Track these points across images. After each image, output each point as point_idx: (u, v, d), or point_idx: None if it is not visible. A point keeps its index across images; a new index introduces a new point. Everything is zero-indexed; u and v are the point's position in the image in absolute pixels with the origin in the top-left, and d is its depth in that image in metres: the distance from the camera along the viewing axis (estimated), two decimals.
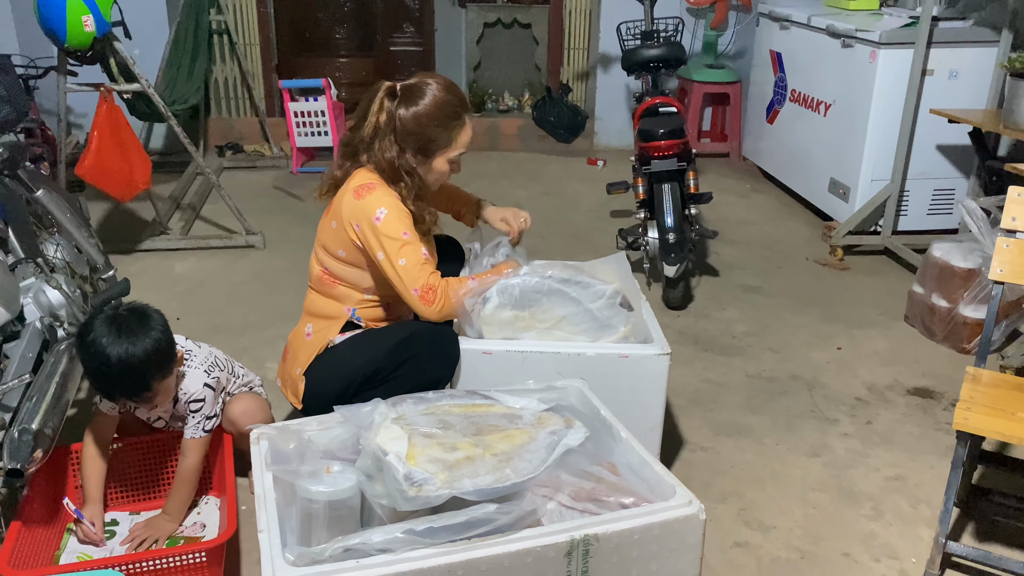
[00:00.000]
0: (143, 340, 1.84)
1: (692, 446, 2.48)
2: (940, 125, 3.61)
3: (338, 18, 6.03)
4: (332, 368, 2.10)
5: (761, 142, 5.03)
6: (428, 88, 2.07)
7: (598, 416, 1.75)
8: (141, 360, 1.83)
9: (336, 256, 2.12)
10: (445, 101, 2.07)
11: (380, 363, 2.04)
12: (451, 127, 2.09)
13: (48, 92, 4.29)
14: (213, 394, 2.04)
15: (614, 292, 2.16)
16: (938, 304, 3.07)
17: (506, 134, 5.76)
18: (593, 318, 2.10)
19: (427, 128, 2.05)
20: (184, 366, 2.04)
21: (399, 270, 2.01)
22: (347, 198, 2.06)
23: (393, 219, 2.02)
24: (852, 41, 3.92)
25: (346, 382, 2.06)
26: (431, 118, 2.05)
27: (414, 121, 2.04)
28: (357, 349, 2.11)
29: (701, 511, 1.46)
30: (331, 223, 2.12)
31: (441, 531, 1.37)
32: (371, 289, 2.14)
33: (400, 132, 2.05)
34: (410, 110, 2.04)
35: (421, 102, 2.05)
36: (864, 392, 2.80)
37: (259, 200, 4.58)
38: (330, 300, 2.17)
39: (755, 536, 2.11)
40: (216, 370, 2.09)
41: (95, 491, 2.03)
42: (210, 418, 2.04)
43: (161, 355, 1.87)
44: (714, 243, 4.00)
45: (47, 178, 2.66)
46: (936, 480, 2.33)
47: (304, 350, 2.15)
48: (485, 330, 2.09)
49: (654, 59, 3.73)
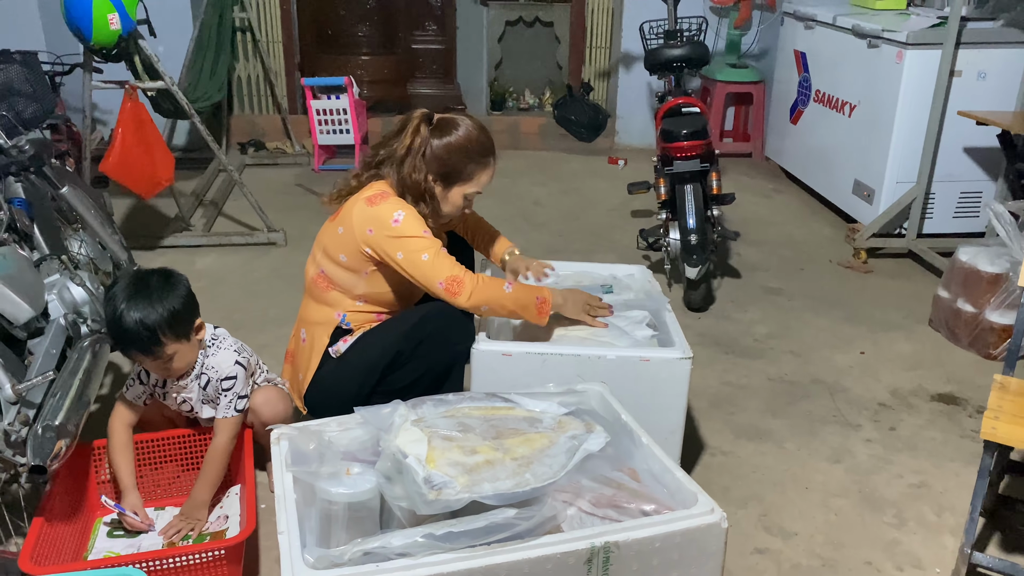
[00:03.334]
0: (160, 298, 1.91)
1: (712, 450, 2.46)
2: (968, 127, 3.57)
3: (360, 16, 6.04)
4: (347, 371, 2.15)
5: (784, 142, 4.98)
6: (463, 123, 2.15)
7: (619, 421, 1.74)
8: (154, 316, 1.89)
9: (336, 260, 2.16)
10: (476, 138, 2.15)
11: (400, 346, 2.11)
12: (476, 163, 2.15)
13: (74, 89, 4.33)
14: (244, 372, 2.08)
15: (644, 316, 2.20)
16: (964, 309, 3.03)
17: (527, 132, 5.74)
18: (622, 333, 2.13)
19: (454, 158, 2.13)
20: (215, 347, 2.08)
21: (422, 265, 2.05)
22: (359, 205, 2.11)
23: (412, 220, 2.07)
24: (878, 41, 3.87)
25: (362, 379, 2.13)
26: (460, 150, 2.13)
27: (444, 149, 2.12)
28: (371, 342, 2.16)
29: (723, 519, 1.45)
30: (337, 228, 2.16)
31: (461, 536, 1.37)
32: (363, 296, 2.18)
33: (428, 156, 2.13)
34: (443, 139, 2.13)
35: (455, 133, 2.13)
36: (887, 397, 2.77)
37: (281, 197, 4.60)
38: (321, 306, 2.22)
39: (776, 542, 2.09)
40: (245, 352, 2.13)
41: (128, 479, 2.06)
42: (242, 397, 2.06)
43: (176, 315, 1.93)
44: (736, 244, 3.97)
45: (72, 174, 2.68)
46: (961, 488, 2.30)
47: (302, 354, 2.23)
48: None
49: (677, 59, 3.71)
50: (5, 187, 2.25)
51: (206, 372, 2.07)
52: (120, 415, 2.09)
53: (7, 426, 1.75)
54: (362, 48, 6.06)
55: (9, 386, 1.78)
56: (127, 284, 1.94)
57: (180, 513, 2.07)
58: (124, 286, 1.93)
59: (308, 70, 5.69)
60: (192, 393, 2.09)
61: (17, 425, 1.76)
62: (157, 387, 2.10)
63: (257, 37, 5.33)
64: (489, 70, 6.00)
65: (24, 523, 2.01)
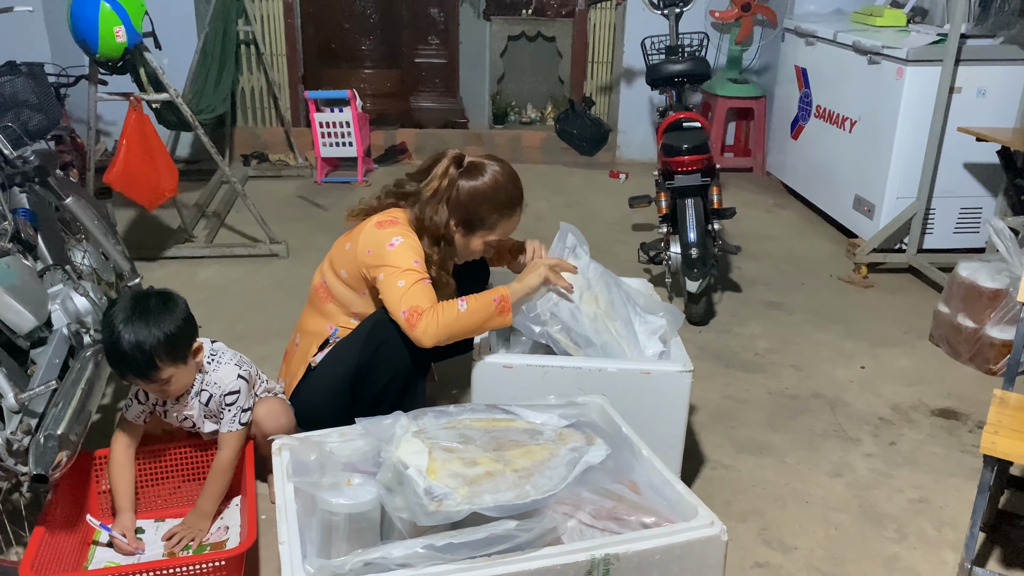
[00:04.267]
0: (158, 321, 1.88)
1: (713, 463, 2.46)
2: (968, 143, 3.58)
3: (364, 30, 6.08)
4: (318, 386, 2.20)
5: (785, 157, 5.00)
6: (492, 169, 2.13)
7: (619, 433, 1.74)
8: (151, 340, 1.86)
9: (338, 274, 2.19)
10: (504, 187, 2.13)
11: (359, 358, 2.11)
12: (501, 213, 2.14)
13: (79, 100, 4.36)
14: (247, 385, 2.08)
15: (661, 327, 2.21)
16: (964, 324, 3.03)
17: (528, 146, 5.77)
18: (635, 335, 2.14)
19: (479, 206, 2.12)
20: (215, 363, 2.07)
21: (395, 290, 2.03)
22: (368, 226, 2.14)
23: (406, 248, 2.07)
24: (879, 58, 3.90)
25: (334, 394, 2.16)
26: (486, 198, 2.11)
27: (470, 195, 2.11)
28: (335, 359, 2.19)
29: (723, 532, 1.45)
30: (345, 244, 2.19)
31: (461, 547, 1.37)
32: (358, 315, 2.20)
33: (453, 200, 2.11)
34: (470, 184, 2.11)
35: (482, 179, 2.11)
36: (888, 412, 2.77)
37: (283, 209, 4.61)
38: (317, 316, 2.25)
39: (776, 556, 2.09)
40: (246, 364, 2.13)
41: (124, 500, 2.04)
42: (245, 410, 2.07)
43: (173, 339, 1.90)
44: (736, 258, 3.98)
45: (76, 185, 2.70)
46: (961, 503, 2.30)
47: (293, 359, 2.29)
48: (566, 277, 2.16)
49: (679, 74, 3.73)
50: (10, 197, 2.27)
51: (207, 388, 2.06)
52: (120, 438, 2.07)
53: (9, 435, 1.75)
54: (365, 62, 6.09)
55: (12, 395, 1.79)
56: (125, 305, 1.90)
57: (183, 522, 2.07)
58: (122, 307, 1.90)
59: (311, 83, 5.73)
60: (193, 411, 2.09)
61: (19, 434, 1.77)
62: (158, 405, 2.09)
63: (261, 50, 5.36)
64: (491, 84, 6.03)
65: (25, 532, 2.01)
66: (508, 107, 6.14)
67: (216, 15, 4.76)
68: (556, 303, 2.15)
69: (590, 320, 2.14)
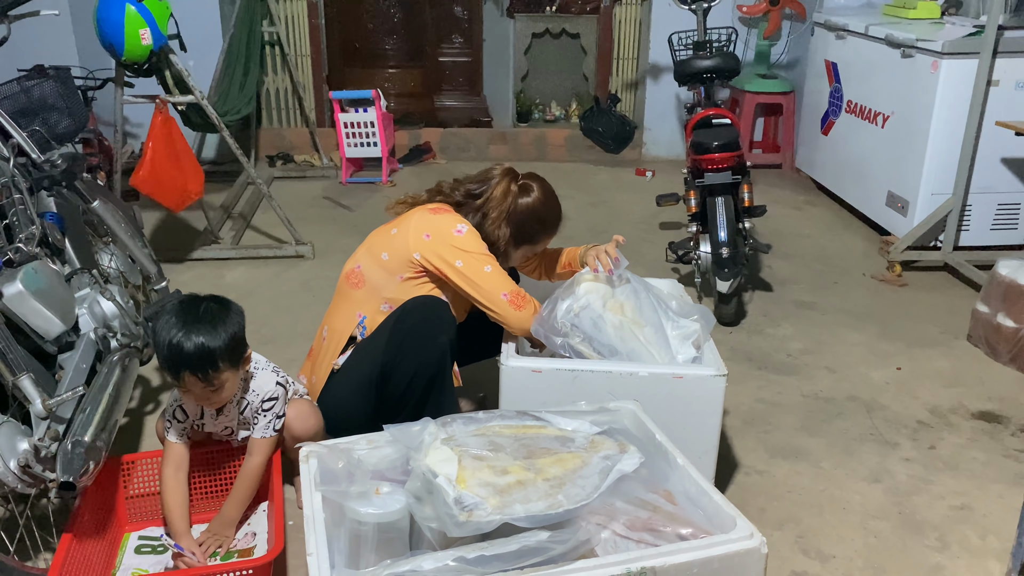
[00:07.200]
0: (224, 321, 1.89)
1: (746, 469, 2.41)
2: (1006, 137, 3.49)
3: (388, 30, 6.07)
4: (343, 390, 2.18)
5: (815, 153, 4.92)
6: (542, 189, 2.25)
7: (653, 440, 1.69)
8: (216, 342, 1.85)
9: (377, 257, 2.18)
10: (552, 206, 2.26)
11: (384, 356, 2.09)
12: (547, 230, 2.27)
13: (106, 103, 4.38)
14: (284, 392, 2.07)
15: (695, 332, 2.16)
16: (1004, 324, 2.95)
17: (553, 144, 5.73)
18: (666, 341, 2.10)
19: (532, 222, 2.22)
20: (252, 369, 2.06)
21: (485, 276, 2.08)
22: (420, 212, 2.17)
23: (474, 235, 2.12)
24: (913, 51, 3.81)
25: (359, 396, 2.14)
26: (538, 215, 2.23)
27: (527, 210, 2.21)
28: (359, 359, 2.17)
29: (763, 544, 1.40)
30: (391, 230, 2.19)
31: (493, 560, 1.34)
32: (390, 300, 2.18)
33: (512, 213, 2.19)
34: (526, 200, 2.21)
35: (535, 197, 2.23)
36: (926, 415, 2.70)
37: (309, 210, 4.61)
38: (345, 307, 2.22)
39: (814, 566, 2.04)
40: (281, 371, 2.12)
41: (180, 523, 1.98)
42: (280, 417, 2.05)
43: (236, 340, 1.91)
44: (767, 257, 3.92)
45: (103, 188, 2.70)
46: (1005, 510, 2.23)
47: (319, 356, 2.26)
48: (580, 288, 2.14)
49: (708, 70, 3.67)
50: (37, 201, 2.26)
51: (246, 397, 2.04)
52: (168, 462, 2.03)
53: (37, 441, 1.74)
54: (389, 61, 6.09)
55: (40, 401, 1.78)
56: (180, 308, 1.87)
57: (208, 529, 2.05)
58: (177, 310, 1.86)
59: (336, 83, 5.72)
60: (232, 420, 2.08)
61: (47, 440, 1.75)
62: (196, 419, 2.07)
63: (286, 51, 5.37)
64: (515, 82, 5.99)
65: (53, 539, 2.01)
66: (532, 105, 6.10)
67: (241, 17, 4.77)
68: (577, 314, 2.11)
69: (614, 328, 2.10)
